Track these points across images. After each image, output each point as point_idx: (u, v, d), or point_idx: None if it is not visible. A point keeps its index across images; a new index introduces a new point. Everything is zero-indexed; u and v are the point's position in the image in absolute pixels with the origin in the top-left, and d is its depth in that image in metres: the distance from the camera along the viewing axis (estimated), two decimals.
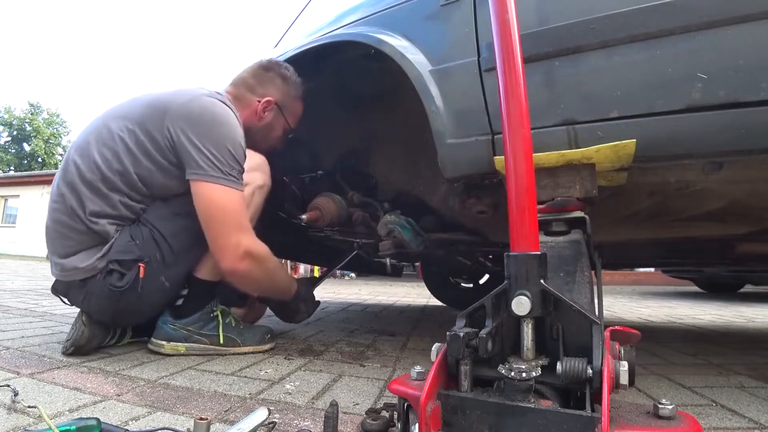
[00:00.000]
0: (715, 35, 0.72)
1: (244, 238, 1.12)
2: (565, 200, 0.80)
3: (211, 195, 1.07)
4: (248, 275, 1.15)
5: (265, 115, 1.29)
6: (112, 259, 1.10)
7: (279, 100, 1.29)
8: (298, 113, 1.35)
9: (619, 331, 0.67)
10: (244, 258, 1.11)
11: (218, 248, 1.11)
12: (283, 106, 1.30)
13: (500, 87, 0.61)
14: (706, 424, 0.78)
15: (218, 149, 1.08)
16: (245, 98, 1.28)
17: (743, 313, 3.17)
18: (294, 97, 1.32)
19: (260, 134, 1.30)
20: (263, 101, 1.27)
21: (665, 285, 7.83)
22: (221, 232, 1.09)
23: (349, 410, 0.79)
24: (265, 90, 1.28)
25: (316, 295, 1.62)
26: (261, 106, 1.27)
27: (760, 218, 1.13)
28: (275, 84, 1.29)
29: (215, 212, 1.08)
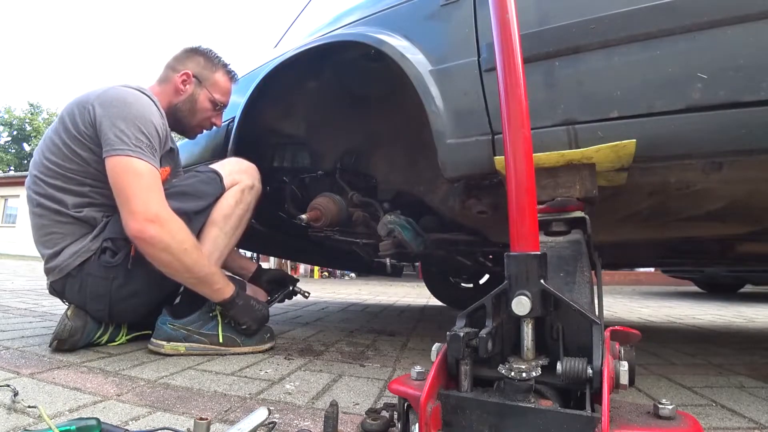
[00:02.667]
0: (715, 35, 0.72)
1: (155, 203, 1.10)
2: (565, 200, 0.80)
3: (119, 165, 1.09)
4: (156, 242, 1.09)
5: (186, 88, 1.35)
6: (106, 237, 1.17)
7: (197, 72, 1.36)
8: (223, 86, 1.40)
9: (619, 331, 0.67)
10: (153, 221, 1.08)
11: (127, 213, 1.09)
12: (203, 78, 1.37)
13: (500, 87, 0.61)
14: (706, 424, 0.78)
15: (127, 126, 1.11)
16: (169, 78, 1.36)
17: (743, 313, 3.17)
18: (213, 69, 1.38)
19: (186, 108, 1.36)
20: (181, 74, 1.35)
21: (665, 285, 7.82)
22: (131, 196, 1.09)
23: (349, 410, 0.79)
24: (183, 66, 1.36)
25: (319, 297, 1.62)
26: (179, 79, 1.35)
27: (760, 218, 1.13)
28: (193, 59, 1.38)
29: (124, 180, 1.09)
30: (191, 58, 1.38)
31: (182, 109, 1.37)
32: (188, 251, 1.12)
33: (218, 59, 1.40)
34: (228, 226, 1.30)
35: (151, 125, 1.16)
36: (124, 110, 1.14)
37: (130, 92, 1.18)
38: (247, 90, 1.36)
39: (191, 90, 1.36)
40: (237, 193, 1.30)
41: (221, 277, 1.22)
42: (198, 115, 1.39)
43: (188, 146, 1.72)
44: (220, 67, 1.40)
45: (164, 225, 1.09)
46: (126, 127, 1.11)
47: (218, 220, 1.28)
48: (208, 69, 1.38)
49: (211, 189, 1.27)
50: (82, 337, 1.17)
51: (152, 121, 1.16)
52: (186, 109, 1.37)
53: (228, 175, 1.30)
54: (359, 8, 1.19)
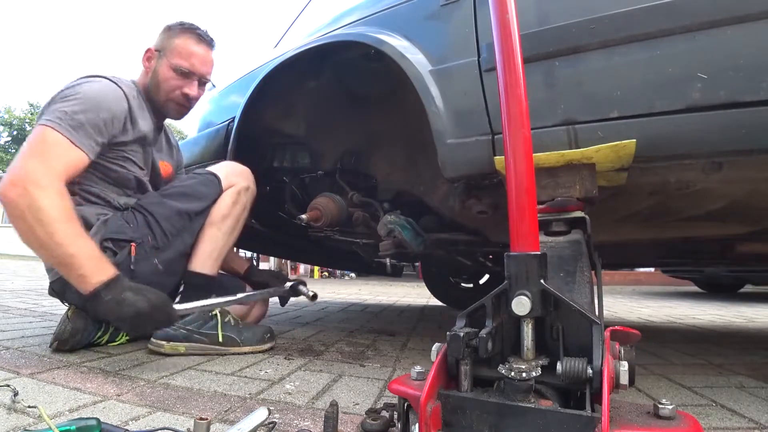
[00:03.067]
0: (715, 35, 0.72)
1: (34, 168, 1.00)
2: (565, 200, 0.80)
3: (32, 133, 1.06)
4: (11, 208, 0.98)
5: (150, 64, 1.32)
6: (106, 237, 1.17)
7: (158, 45, 1.32)
8: (183, 49, 1.31)
9: (619, 331, 0.67)
10: (16, 185, 0.98)
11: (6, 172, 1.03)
12: (162, 47, 1.31)
13: (500, 87, 0.61)
14: (706, 424, 0.78)
15: (65, 103, 1.09)
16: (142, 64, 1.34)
17: (743, 313, 3.17)
18: (173, 35, 1.32)
19: (152, 84, 1.31)
20: (144, 52, 1.33)
21: (665, 285, 7.82)
22: (18, 157, 1.02)
23: (349, 410, 0.79)
24: (152, 44, 1.34)
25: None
26: (144, 58, 1.33)
27: (760, 218, 1.13)
28: (160, 35, 1.34)
29: (25, 144, 1.05)
30: (160, 35, 1.34)
31: (150, 88, 1.32)
32: (44, 223, 0.96)
33: (184, 25, 1.33)
34: (225, 225, 1.30)
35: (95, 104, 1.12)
36: (69, 89, 1.13)
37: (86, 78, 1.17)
38: (247, 90, 1.36)
39: (154, 64, 1.31)
40: (234, 195, 1.31)
41: (89, 263, 0.98)
42: (163, 88, 1.31)
43: (188, 146, 1.73)
44: (181, 32, 1.32)
45: (29, 192, 0.97)
46: (63, 104, 1.09)
47: (216, 220, 1.29)
48: (168, 37, 1.32)
49: (210, 191, 1.29)
50: (83, 338, 1.16)
51: (98, 100, 1.13)
52: (153, 86, 1.32)
53: (225, 178, 1.31)
54: (359, 8, 1.19)
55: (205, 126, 1.68)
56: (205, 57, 1.35)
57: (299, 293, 1.56)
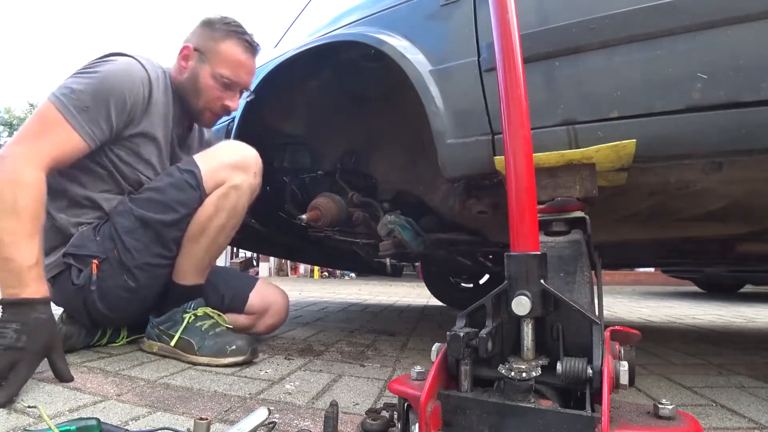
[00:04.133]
0: (715, 35, 0.72)
1: (20, 150, 0.93)
2: (565, 200, 0.80)
3: (39, 107, 0.99)
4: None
5: (187, 65, 1.17)
6: (66, 252, 1.08)
7: (199, 44, 1.17)
8: (230, 58, 1.17)
9: (619, 331, 0.67)
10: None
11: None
12: (205, 50, 1.16)
13: (500, 87, 0.61)
14: (706, 424, 0.78)
15: (78, 76, 1.01)
16: (176, 55, 1.20)
17: (743, 313, 3.17)
18: (219, 38, 1.17)
19: (189, 87, 1.19)
20: (180, 50, 1.18)
21: (665, 285, 7.82)
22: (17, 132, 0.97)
23: (349, 410, 0.79)
24: (188, 40, 1.19)
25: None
26: (180, 54, 1.18)
27: (760, 218, 1.13)
28: (198, 31, 1.19)
29: (30, 119, 0.99)
30: (198, 29, 1.19)
31: (186, 90, 1.19)
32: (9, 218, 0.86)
33: (230, 25, 1.17)
34: (205, 239, 1.11)
35: (110, 85, 1.01)
36: (91, 68, 1.03)
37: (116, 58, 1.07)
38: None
39: (193, 66, 1.17)
40: (217, 200, 1.09)
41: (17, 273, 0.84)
42: (203, 96, 1.19)
43: None
44: (228, 35, 1.17)
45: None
46: (76, 80, 1.01)
47: (194, 234, 1.10)
48: (212, 39, 1.17)
49: (186, 197, 1.08)
50: (79, 340, 1.15)
51: (114, 82, 1.02)
52: (189, 89, 1.19)
53: (213, 173, 1.10)
54: (359, 8, 1.19)
55: None
56: (252, 67, 1.23)
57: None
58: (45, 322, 0.84)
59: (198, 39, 1.18)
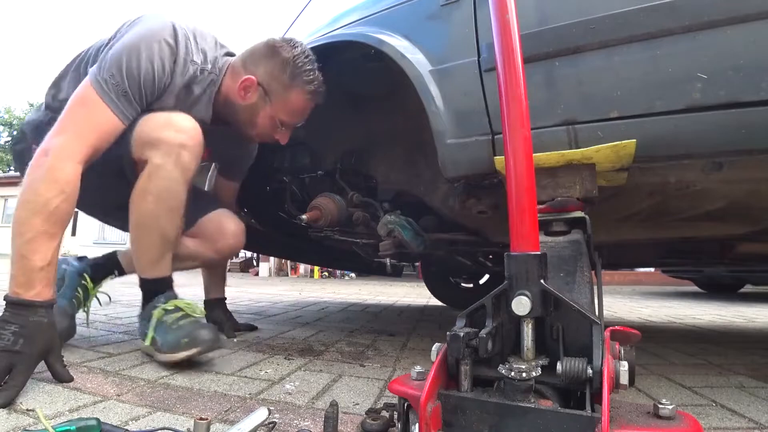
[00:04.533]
0: (715, 35, 0.72)
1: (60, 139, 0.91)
2: (565, 200, 0.80)
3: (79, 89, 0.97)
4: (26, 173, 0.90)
5: (247, 96, 1.12)
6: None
7: (265, 82, 1.12)
8: (294, 107, 1.15)
9: (619, 331, 0.67)
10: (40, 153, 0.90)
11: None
12: (271, 91, 1.12)
13: (500, 87, 0.61)
14: (706, 424, 0.78)
15: (116, 53, 0.97)
16: (237, 71, 1.14)
17: (743, 313, 3.17)
18: (289, 84, 1.12)
19: (244, 116, 1.16)
20: (243, 78, 1.11)
21: (665, 285, 7.82)
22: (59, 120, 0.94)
23: (349, 410, 0.79)
24: (255, 68, 1.12)
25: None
26: (241, 83, 1.11)
27: (760, 218, 1.13)
28: (268, 64, 1.12)
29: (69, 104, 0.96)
30: (266, 60, 1.12)
31: (239, 116, 1.16)
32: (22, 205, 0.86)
33: (300, 69, 1.11)
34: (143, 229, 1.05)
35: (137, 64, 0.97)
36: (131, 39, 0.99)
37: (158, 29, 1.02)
38: None
39: (253, 100, 1.12)
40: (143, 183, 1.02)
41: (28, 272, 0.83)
42: (255, 130, 1.18)
43: None
44: (298, 83, 1.12)
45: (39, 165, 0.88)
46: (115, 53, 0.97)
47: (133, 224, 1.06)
48: (282, 82, 1.11)
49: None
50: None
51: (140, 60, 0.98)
52: (243, 119, 1.16)
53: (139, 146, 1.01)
54: (359, 8, 1.19)
55: None
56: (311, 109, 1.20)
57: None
58: (44, 326, 0.83)
59: (264, 75, 1.12)
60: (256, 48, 1.15)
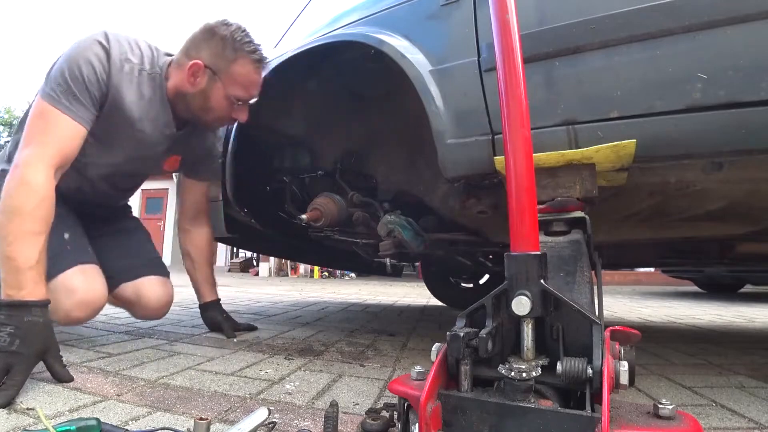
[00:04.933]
0: (715, 35, 0.72)
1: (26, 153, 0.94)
2: (565, 200, 0.80)
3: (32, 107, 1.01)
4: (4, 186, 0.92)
5: (197, 81, 1.13)
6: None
7: (211, 63, 1.12)
8: (244, 79, 1.15)
9: (619, 331, 0.67)
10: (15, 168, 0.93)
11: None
12: (218, 69, 1.13)
13: (500, 87, 0.61)
14: (706, 424, 0.78)
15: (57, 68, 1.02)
16: (181, 62, 1.15)
17: (743, 313, 3.17)
18: (233, 56, 1.12)
19: (197, 103, 1.17)
20: (190, 64, 1.12)
21: (665, 285, 7.82)
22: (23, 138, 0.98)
23: (349, 410, 0.79)
24: (197, 53, 1.13)
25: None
26: (189, 70, 1.12)
27: (760, 218, 1.13)
28: (210, 45, 1.13)
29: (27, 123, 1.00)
30: (206, 42, 1.13)
31: (193, 104, 1.17)
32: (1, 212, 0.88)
33: (240, 42, 1.12)
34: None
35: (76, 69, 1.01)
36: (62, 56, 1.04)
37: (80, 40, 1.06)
38: None
39: (203, 84, 1.14)
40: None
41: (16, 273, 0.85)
42: (212, 113, 1.19)
43: None
44: (241, 54, 1.13)
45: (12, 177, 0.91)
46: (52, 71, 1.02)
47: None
48: (225, 58, 1.13)
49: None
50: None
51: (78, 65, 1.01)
52: (198, 105, 1.17)
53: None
54: (359, 8, 1.19)
55: None
56: (261, 80, 1.21)
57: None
58: (40, 325, 0.84)
59: (208, 56, 1.13)
60: (195, 35, 1.16)
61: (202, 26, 1.16)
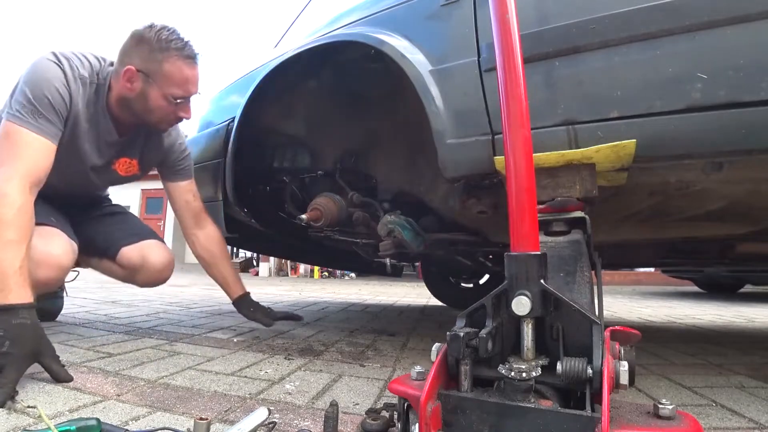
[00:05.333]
0: (715, 35, 0.72)
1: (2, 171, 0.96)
2: (565, 200, 0.80)
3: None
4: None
5: (133, 86, 1.15)
6: None
7: (142, 67, 1.13)
8: (178, 77, 1.16)
9: (619, 331, 0.67)
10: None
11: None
12: (150, 72, 1.14)
13: (500, 87, 0.61)
14: (706, 424, 0.78)
15: (19, 91, 1.04)
16: (118, 70, 1.16)
17: (743, 313, 3.17)
18: (161, 58, 1.13)
19: (139, 107, 1.18)
20: (124, 71, 1.13)
21: (665, 285, 7.82)
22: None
23: (349, 410, 0.79)
24: (130, 59, 1.14)
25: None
26: (124, 77, 1.14)
27: (760, 218, 1.13)
28: (137, 50, 1.14)
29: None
30: (135, 48, 1.14)
31: (136, 108, 1.19)
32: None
33: (165, 44, 1.13)
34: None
35: (39, 90, 1.03)
36: (23, 78, 1.06)
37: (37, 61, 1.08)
38: (247, 90, 1.36)
39: (139, 87, 1.15)
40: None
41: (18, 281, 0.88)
42: (156, 113, 1.20)
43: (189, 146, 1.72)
44: (169, 54, 1.14)
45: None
46: (17, 93, 1.04)
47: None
48: (154, 60, 1.13)
49: None
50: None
51: (41, 87, 1.04)
52: (140, 109, 1.18)
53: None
54: (359, 8, 1.19)
55: (205, 126, 1.68)
56: (197, 75, 1.20)
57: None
58: (29, 327, 0.86)
59: (139, 60, 1.14)
60: (125, 43, 1.17)
61: (130, 33, 1.17)
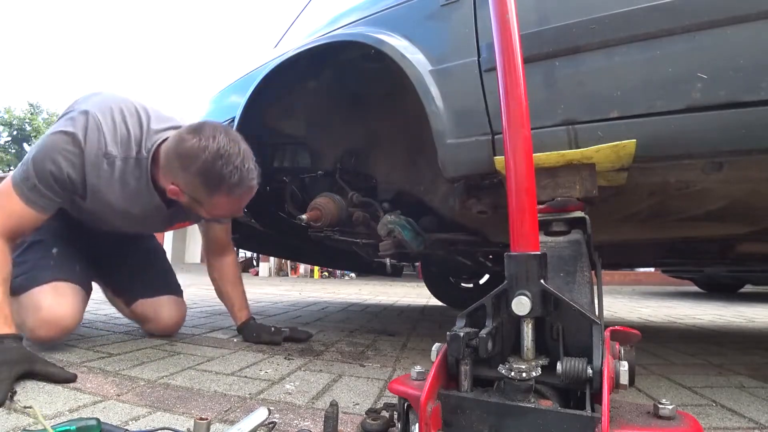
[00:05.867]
0: (715, 35, 0.72)
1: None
2: (565, 200, 0.80)
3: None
4: None
5: (180, 198, 1.10)
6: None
7: (188, 191, 1.08)
8: (225, 207, 1.12)
9: (619, 331, 0.67)
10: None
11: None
12: (197, 197, 1.09)
13: (500, 87, 0.61)
14: (706, 424, 0.78)
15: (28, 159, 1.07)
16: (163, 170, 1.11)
17: (743, 313, 3.17)
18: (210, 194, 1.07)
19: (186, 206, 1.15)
20: (169, 188, 1.09)
21: (665, 285, 7.82)
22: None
23: (349, 410, 0.79)
24: (175, 177, 1.07)
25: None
26: (170, 188, 1.09)
27: (760, 218, 1.13)
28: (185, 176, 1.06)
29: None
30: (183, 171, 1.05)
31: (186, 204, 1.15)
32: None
33: (216, 179, 1.03)
34: None
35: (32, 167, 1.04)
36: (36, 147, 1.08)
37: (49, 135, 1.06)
38: (247, 90, 1.36)
39: (187, 201, 1.11)
40: None
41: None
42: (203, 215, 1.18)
43: None
44: (220, 191, 1.06)
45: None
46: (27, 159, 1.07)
47: None
48: (204, 192, 1.07)
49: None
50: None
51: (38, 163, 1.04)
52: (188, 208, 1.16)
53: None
54: (359, 8, 1.19)
55: None
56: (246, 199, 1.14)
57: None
58: (15, 348, 0.90)
59: (185, 186, 1.07)
60: (169, 154, 1.08)
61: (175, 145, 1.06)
